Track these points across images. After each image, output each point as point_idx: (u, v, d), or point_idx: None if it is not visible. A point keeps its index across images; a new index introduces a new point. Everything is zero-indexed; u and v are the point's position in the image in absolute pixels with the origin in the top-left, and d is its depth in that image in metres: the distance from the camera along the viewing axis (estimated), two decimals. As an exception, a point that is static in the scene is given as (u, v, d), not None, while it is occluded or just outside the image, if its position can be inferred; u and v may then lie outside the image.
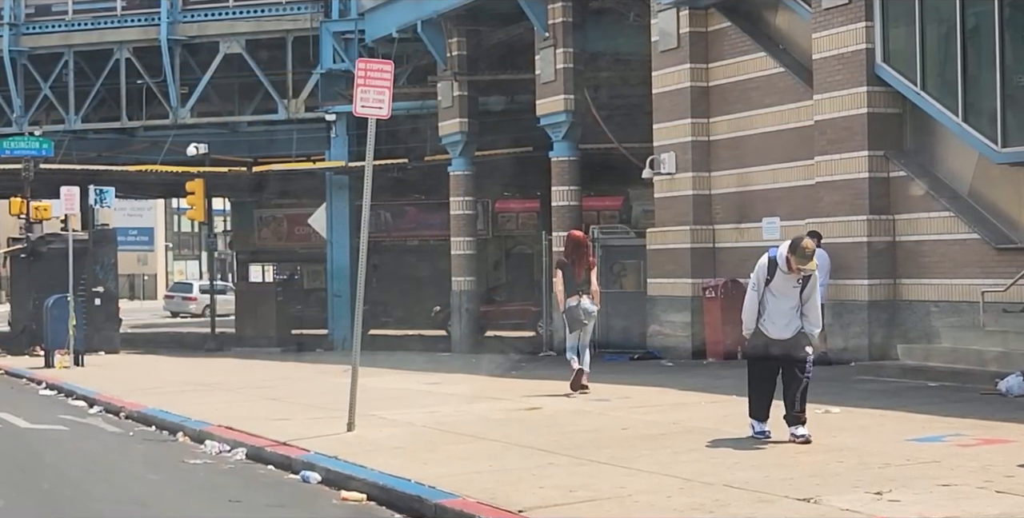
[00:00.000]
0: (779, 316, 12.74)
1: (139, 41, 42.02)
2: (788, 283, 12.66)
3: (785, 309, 12.73)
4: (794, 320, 12.77)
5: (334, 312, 40.23)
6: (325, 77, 39.98)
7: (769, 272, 12.75)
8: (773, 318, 12.76)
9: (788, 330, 12.77)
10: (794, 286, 12.67)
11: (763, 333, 12.85)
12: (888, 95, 22.39)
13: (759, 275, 12.85)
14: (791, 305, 12.73)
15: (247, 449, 14.80)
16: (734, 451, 12.30)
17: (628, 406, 16.80)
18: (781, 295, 12.71)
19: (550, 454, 12.60)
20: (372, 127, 15.25)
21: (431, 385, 21.84)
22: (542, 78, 31.11)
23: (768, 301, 12.75)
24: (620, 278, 31.04)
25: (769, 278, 12.73)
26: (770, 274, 12.73)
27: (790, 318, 12.75)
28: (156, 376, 26.81)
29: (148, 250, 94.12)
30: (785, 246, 12.67)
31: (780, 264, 12.63)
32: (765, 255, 12.97)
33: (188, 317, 67.27)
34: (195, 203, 39.11)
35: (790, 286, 12.67)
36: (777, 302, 12.73)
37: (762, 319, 12.81)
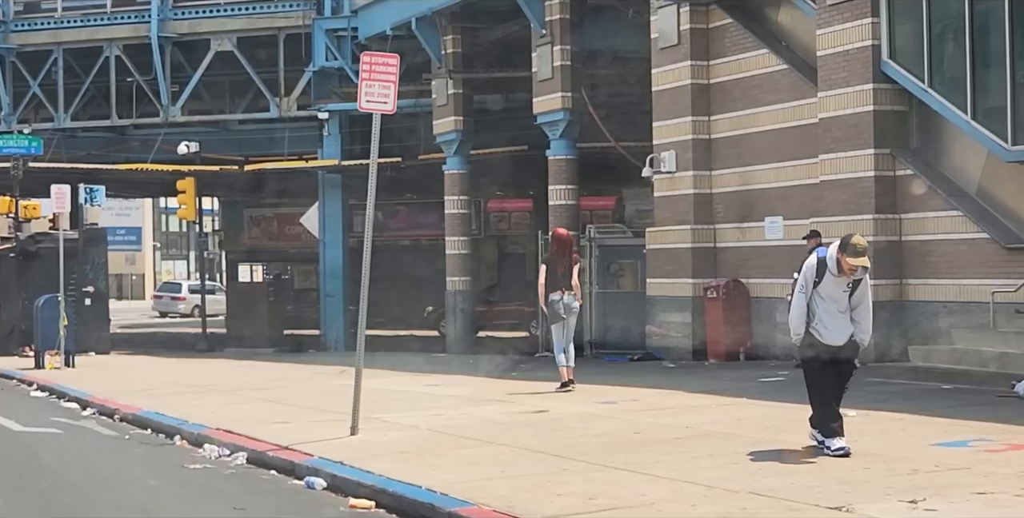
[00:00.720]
0: (831, 320, 11.95)
1: (129, 38, 41.66)
2: (837, 286, 11.89)
3: (836, 313, 11.94)
4: (846, 325, 11.96)
5: (327, 312, 39.88)
6: (318, 75, 39.64)
7: (818, 274, 11.90)
8: (825, 322, 11.96)
9: (842, 335, 11.97)
10: (844, 290, 11.88)
11: (816, 338, 12.03)
12: (894, 92, 22.08)
13: (807, 276, 11.99)
14: (842, 309, 11.95)
15: (248, 453, 14.40)
16: (754, 456, 11.90)
17: (637, 409, 16.40)
18: (830, 299, 11.93)
19: (563, 459, 12.21)
20: (376, 123, 14.89)
21: (431, 387, 21.46)
22: (539, 76, 30.73)
23: (818, 304, 11.96)
24: (617, 278, 30.72)
25: (817, 280, 11.90)
26: (819, 276, 11.90)
27: (843, 323, 11.95)
28: (149, 377, 26.39)
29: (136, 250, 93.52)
30: (835, 246, 11.89)
31: (829, 266, 11.83)
32: (813, 255, 12.13)
33: (177, 317, 66.84)
34: (186, 202, 38.72)
35: (839, 290, 11.90)
36: (827, 305, 11.94)
37: (813, 323, 11.99)
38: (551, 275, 19.27)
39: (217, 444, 15.18)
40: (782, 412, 15.25)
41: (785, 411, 15.24)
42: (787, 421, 14.25)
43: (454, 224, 35.41)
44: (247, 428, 15.86)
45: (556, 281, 19.23)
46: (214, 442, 15.33)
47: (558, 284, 19.21)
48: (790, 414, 14.90)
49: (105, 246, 38.59)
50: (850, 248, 11.66)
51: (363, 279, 14.82)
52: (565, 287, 19.20)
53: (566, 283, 19.22)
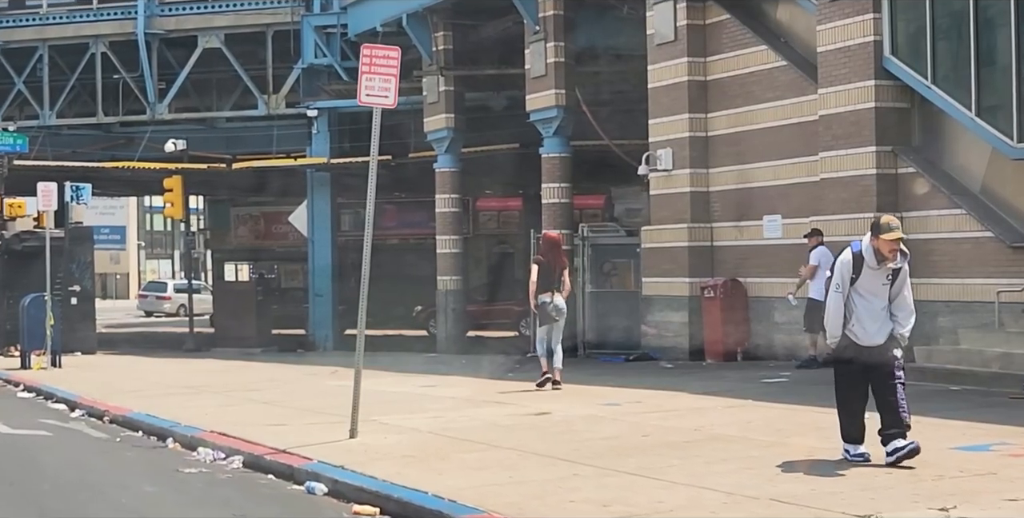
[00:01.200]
0: (870, 320, 11.23)
1: (115, 35, 41.25)
2: (877, 280, 11.20)
3: (876, 311, 11.25)
4: (886, 323, 11.28)
5: (316, 312, 39.48)
6: (306, 72, 39.26)
7: (854, 269, 11.19)
8: (864, 323, 11.23)
9: (881, 334, 11.27)
10: (883, 283, 11.20)
11: (851, 340, 11.30)
12: (896, 89, 21.72)
13: (843, 273, 11.25)
14: (882, 305, 11.26)
15: (244, 457, 14.02)
16: (770, 461, 11.54)
17: (641, 411, 16.04)
18: (870, 295, 11.22)
19: (572, 464, 11.85)
20: (377, 118, 14.55)
21: (427, 388, 21.09)
22: (532, 73, 30.37)
23: (856, 303, 11.24)
24: (610, 277, 30.33)
25: (854, 277, 11.18)
26: (855, 272, 11.18)
27: (882, 321, 11.27)
28: (137, 378, 26.00)
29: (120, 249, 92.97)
30: (867, 237, 11.25)
31: (867, 258, 11.15)
32: (847, 250, 11.39)
33: (162, 316, 66.46)
34: (173, 200, 38.27)
35: (879, 283, 11.21)
36: (866, 303, 11.23)
37: (849, 324, 11.26)
38: (542, 277, 19.48)
39: (212, 447, 14.80)
40: (791, 414, 14.93)
41: (795, 413, 14.94)
42: (798, 424, 13.95)
43: (445, 223, 35.02)
44: (242, 431, 15.48)
45: (547, 283, 19.45)
46: (208, 445, 14.95)
47: (549, 286, 19.45)
48: (800, 417, 14.63)
49: (91, 245, 38.16)
50: (883, 227, 11.10)
51: (363, 278, 14.46)
52: (556, 289, 19.48)
53: (557, 285, 19.50)
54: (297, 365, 28.79)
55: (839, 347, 11.46)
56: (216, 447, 14.73)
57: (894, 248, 11.09)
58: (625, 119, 32.63)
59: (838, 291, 11.31)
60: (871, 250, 11.17)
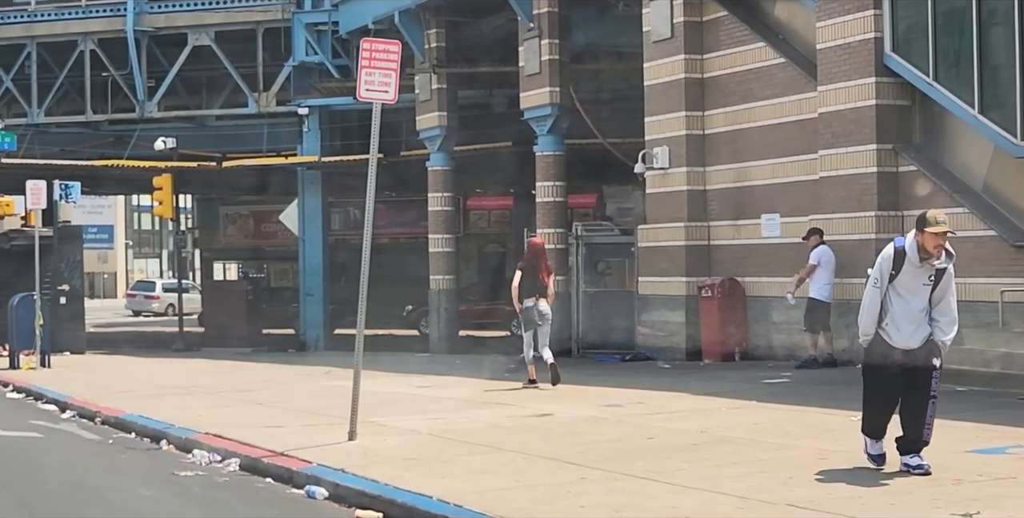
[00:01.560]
0: (906, 321, 10.64)
1: (104, 32, 40.94)
2: (918, 279, 10.63)
3: (914, 312, 10.64)
4: (923, 326, 10.67)
5: (307, 311, 39.21)
6: (297, 70, 39.02)
7: (895, 266, 10.58)
8: (899, 323, 10.64)
9: (916, 338, 10.66)
10: (924, 283, 10.64)
11: (884, 341, 10.71)
12: (897, 86, 21.50)
13: (882, 269, 10.64)
14: (920, 307, 10.67)
15: (241, 460, 13.74)
16: (782, 464, 11.29)
17: (645, 412, 15.77)
18: (909, 294, 10.62)
19: (579, 467, 11.57)
20: (377, 113, 14.27)
21: (423, 388, 20.82)
22: (527, 70, 30.09)
23: (892, 302, 10.63)
24: (605, 277, 30.07)
25: (894, 273, 10.57)
26: (896, 268, 10.57)
27: (919, 323, 10.66)
28: (128, 378, 25.69)
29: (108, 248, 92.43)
30: (912, 232, 10.72)
31: (910, 255, 10.58)
32: (890, 246, 10.80)
33: (151, 316, 66.08)
34: (163, 199, 37.98)
35: (920, 283, 10.64)
36: (904, 303, 10.63)
37: (883, 323, 10.68)
38: (525, 282, 19.87)
39: (207, 449, 14.53)
40: (798, 416, 14.68)
41: (802, 415, 14.70)
42: (806, 426, 13.71)
43: (438, 222, 34.73)
44: (238, 432, 15.20)
45: (531, 288, 19.85)
46: (204, 447, 14.67)
47: (533, 291, 19.85)
48: (808, 418, 14.39)
49: (80, 244, 37.86)
50: (929, 221, 10.58)
51: (362, 277, 14.20)
52: (541, 294, 19.90)
53: (542, 290, 19.93)
54: (289, 365, 28.51)
55: (872, 348, 10.88)
56: (212, 449, 14.46)
57: (939, 244, 10.59)
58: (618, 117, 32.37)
59: (875, 287, 10.72)
60: (915, 246, 10.63)
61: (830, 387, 18.03)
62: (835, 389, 17.64)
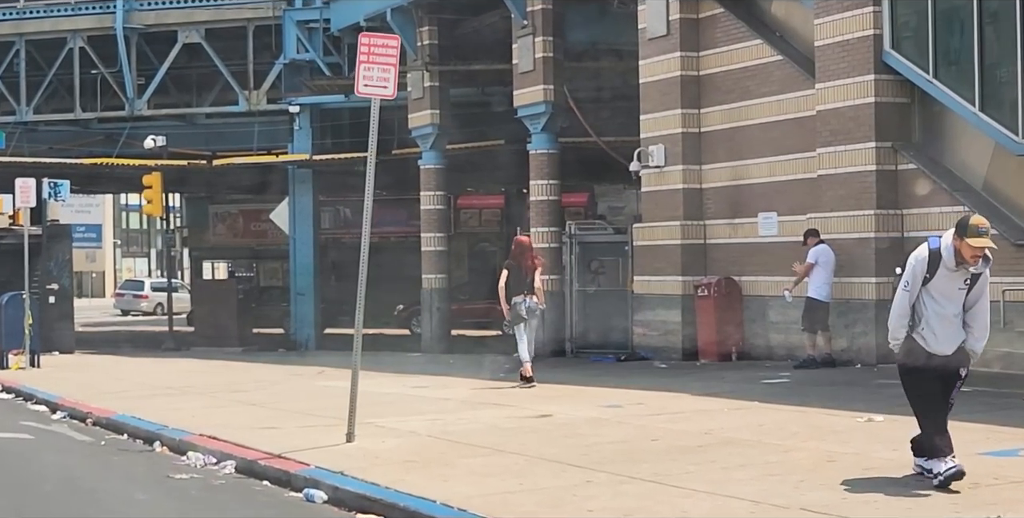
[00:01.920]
0: (941, 325, 10.11)
1: (94, 30, 40.61)
2: (953, 283, 10.05)
3: (948, 316, 10.10)
4: (957, 332, 10.15)
5: (298, 311, 38.98)
6: (288, 68, 38.77)
7: (930, 268, 10.01)
8: (934, 327, 10.09)
9: (950, 343, 10.14)
10: (960, 287, 10.06)
11: (920, 345, 10.16)
12: (896, 84, 21.32)
13: (916, 271, 10.08)
14: (955, 312, 10.12)
15: (237, 462, 13.49)
16: (791, 466, 11.06)
17: (646, 413, 15.54)
18: (943, 298, 10.07)
19: (583, 470, 11.33)
20: (375, 109, 14.04)
21: (419, 389, 20.59)
22: (520, 68, 29.85)
23: (927, 305, 10.09)
24: (598, 276, 29.82)
25: (928, 276, 10.01)
26: (930, 271, 10.00)
27: (954, 329, 10.14)
28: (119, 378, 25.42)
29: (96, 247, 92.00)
30: (949, 233, 10.10)
31: (945, 258, 9.96)
32: (923, 246, 10.22)
33: (139, 315, 65.79)
34: (152, 198, 37.70)
35: (955, 287, 10.07)
36: (938, 307, 10.08)
37: (919, 327, 10.13)
38: (512, 280, 20.23)
39: (202, 451, 14.28)
40: (802, 417, 14.46)
41: (805, 416, 14.48)
42: (812, 427, 13.49)
43: (430, 220, 34.51)
44: (232, 434, 14.96)
45: (518, 285, 20.24)
46: (199, 449, 14.43)
47: (520, 288, 20.23)
48: (812, 420, 14.18)
49: (69, 243, 37.56)
50: (971, 229, 9.84)
51: (360, 275, 13.96)
52: (527, 291, 20.27)
53: (529, 287, 20.29)
54: (281, 365, 28.26)
55: (906, 352, 10.29)
56: (207, 451, 14.21)
57: (977, 255, 9.96)
58: (612, 115, 32.22)
59: (906, 290, 10.14)
60: (951, 250, 9.99)
61: (830, 387, 17.84)
62: (836, 389, 17.48)
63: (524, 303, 20.27)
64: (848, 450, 11.63)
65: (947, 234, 10.10)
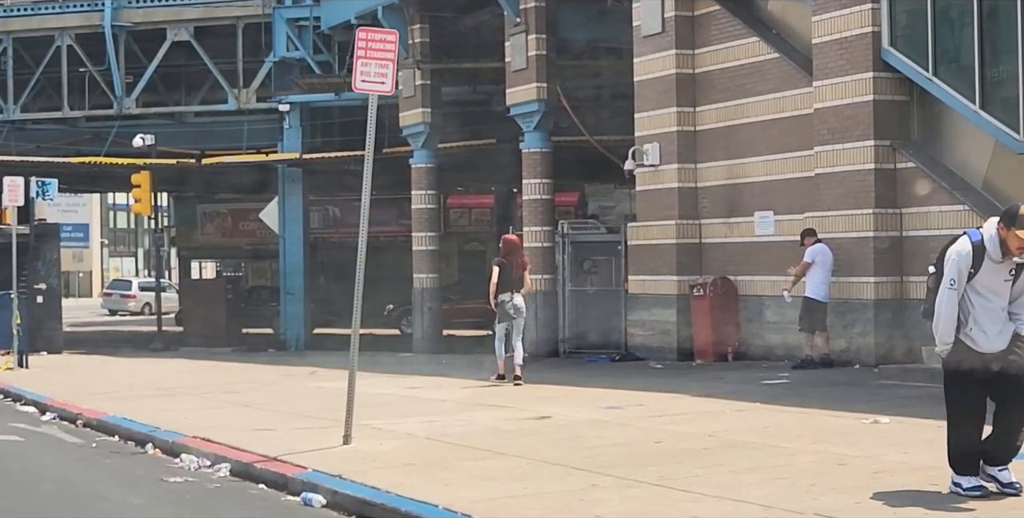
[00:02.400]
0: (990, 322, 9.52)
1: (82, 27, 40.24)
2: (999, 275, 9.48)
3: (996, 311, 9.52)
4: (1007, 325, 9.53)
5: (287, 311, 38.67)
6: (278, 66, 38.49)
7: (974, 263, 9.44)
8: (983, 325, 9.51)
9: (1001, 339, 9.51)
10: (1005, 279, 9.50)
11: (968, 346, 9.55)
12: (895, 82, 21.11)
13: (960, 267, 9.47)
14: (1002, 305, 9.54)
15: (231, 464, 13.23)
16: (801, 470, 10.83)
17: (646, 415, 15.29)
18: (990, 293, 9.50)
19: (588, 474, 11.08)
20: (373, 105, 13.80)
21: (413, 389, 20.34)
22: (513, 66, 29.61)
23: (973, 302, 9.52)
24: (591, 275, 29.60)
25: (973, 271, 9.44)
26: (975, 265, 9.44)
27: (1003, 323, 9.54)
28: (108, 378, 25.15)
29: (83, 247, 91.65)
30: (992, 223, 9.51)
31: (990, 250, 9.42)
32: (963, 240, 9.66)
33: (127, 315, 65.47)
34: (141, 197, 37.45)
35: (1000, 279, 9.50)
36: (986, 302, 9.51)
37: (965, 328, 9.54)
38: (502, 277, 20.70)
39: (196, 454, 14.01)
40: (807, 419, 14.22)
41: (810, 418, 14.25)
42: (817, 429, 13.25)
43: (421, 220, 34.26)
44: (227, 436, 14.71)
45: (507, 283, 20.67)
46: (192, 452, 14.16)
47: (508, 286, 20.68)
48: (817, 421, 13.95)
49: (57, 242, 37.29)
50: (1020, 219, 9.25)
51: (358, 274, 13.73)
52: (517, 289, 20.76)
53: (518, 285, 20.80)
54: (272, 365, 28.00)
55: (955, 356, 9.65)
56: (201, 454, 13.96)
57: (1019, 251, 9.41)
58: (604, 114, 32.02)
59: (953, 288, 9.50)
60: (996, 241, 9.43)
61: (831, 388, 17.63)
62: (837, 390, 17.27)
63: (511, 301, 20.69)
64: (857, 453, 11.41)
65: (988, 225, 9.61)
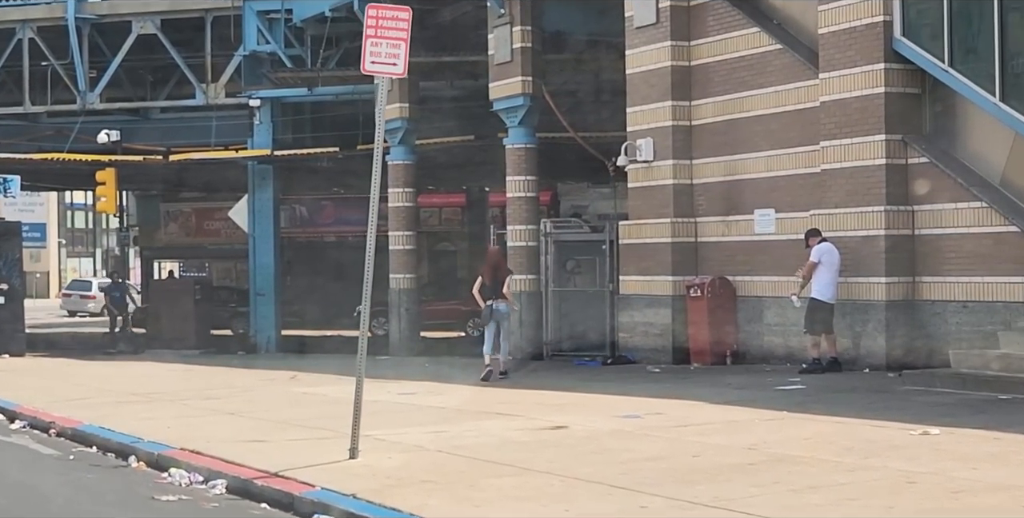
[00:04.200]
0: None
1: (44, 20, 39.00)
2: None
3: None
4: None
5: (258, 312, 37.46)
6: (248, 60, 37.31)
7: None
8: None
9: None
10: None
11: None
12: (906, 73, 20.23)
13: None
14: None
15: (228, 481, 12.17)
16: (868, 489, 9.83)
17: (669, 424, 14.23)
18: None
19: (632, 493, 10.05)
20: (383, 89, 12.78)
21: (406, 396, 19.31)
22: (497, 59, 28.57)
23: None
24: (574, 276, 28.61)
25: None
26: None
27: None
28: (78, 383, 23.95)
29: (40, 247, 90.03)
30: None
31: None
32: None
33: (87, 316, 64.01)
34: (106, 194, 36.25)
35: None
36: None
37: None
38: (486, 285, 22.56)
39: (186, 468, 12.96)
40: (848, 429, 13.21)
41: (851, 428, 13.26)
42: (863, 441, 12.27)
43: (399, 218, 33.14)
44: (217, 448, 13.66)
45: (491, 291, 22.50)
46: (181, 465, 13.10)
47: (492, 293, 22.46)
48: (860, 432, 12.96)
49: (19, 241, 36.13)
50: None
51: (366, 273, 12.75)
52: (498, 295, 22.42)
53: (499, 291, 22.45)
54: (248, 369, 26.90)
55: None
56: (191, 468, 12.89)
57: None
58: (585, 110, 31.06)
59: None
60: None
61: (854, 394, 16.71)
62: (862, 397, 16.34)
63: (493, 306, 22.33)
64: (922, 469, 10.43)
65: None
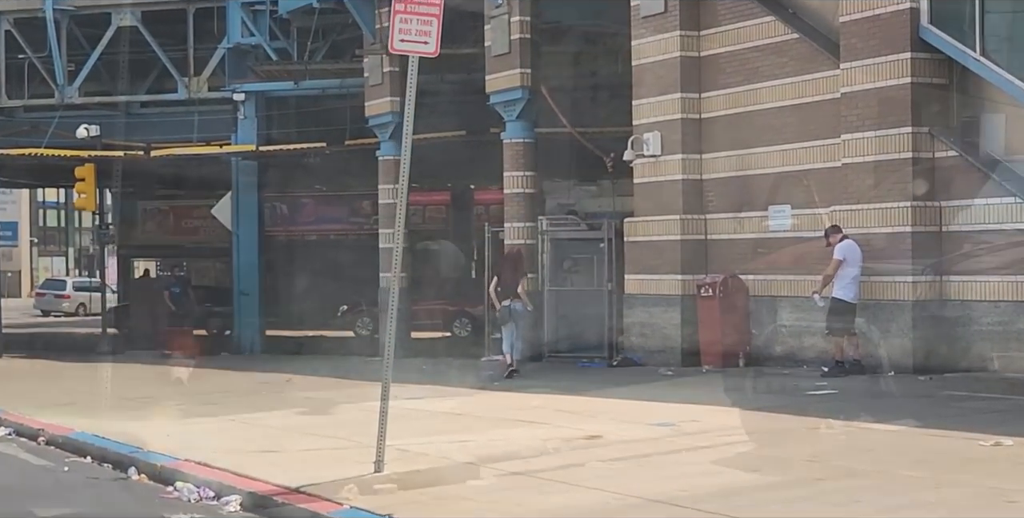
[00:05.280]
0: None
1: (21, 11, 37.99)
2: None
3: None
4: None
5: (241, 312, 36.45)
6: (232, 53, 36.33)
7: None
8: None
9: None
10: None
11: None
12: (934, 63, 19.38)
13: None
14: None
15: (243, 497, 11.19)
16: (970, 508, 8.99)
17: (710, 434, 13.18)
18: None
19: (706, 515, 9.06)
20: (413, 69, 11.82)
21: (415, 401, 18.17)
22: (494, 50, 27.61)
23: None
24: (571, 275, 27.69)
25: None
26: None
27: None
28: (62, 387, 22.95)
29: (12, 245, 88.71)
30: None
31: None
32: None
33: (61, 316, 62.93)
34: (85, 191, 35.26)
35: None
36: None
37: None
38: (503, 285, 22.94)
39: (194, 482, 11.98)
40: (909, 440, 12.29)
41: (912, 438, 12.35)
42: (935, 453, 11.38)
43: (389, 215, 32.12)
44: (227, 459, 12.67)
45: (507, 291, 22.81)
46: (188, 479, 12.12)
47: (508, 293, 22.76)
48: (924, 443, 12.07)
49: (-6, 239, 35.00)
50: None
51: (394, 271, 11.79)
52: (514, 296, 22.72)
53: (514, 292, 22.72)
54: (239, 371, 25.93)
55: None
56: (201, 482, 11.91)
57: None
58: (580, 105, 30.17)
59: None
60: None
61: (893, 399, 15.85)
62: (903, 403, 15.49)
63: (510, 306, 22.51)
64: (1014, 486, 9.52)
65: None
